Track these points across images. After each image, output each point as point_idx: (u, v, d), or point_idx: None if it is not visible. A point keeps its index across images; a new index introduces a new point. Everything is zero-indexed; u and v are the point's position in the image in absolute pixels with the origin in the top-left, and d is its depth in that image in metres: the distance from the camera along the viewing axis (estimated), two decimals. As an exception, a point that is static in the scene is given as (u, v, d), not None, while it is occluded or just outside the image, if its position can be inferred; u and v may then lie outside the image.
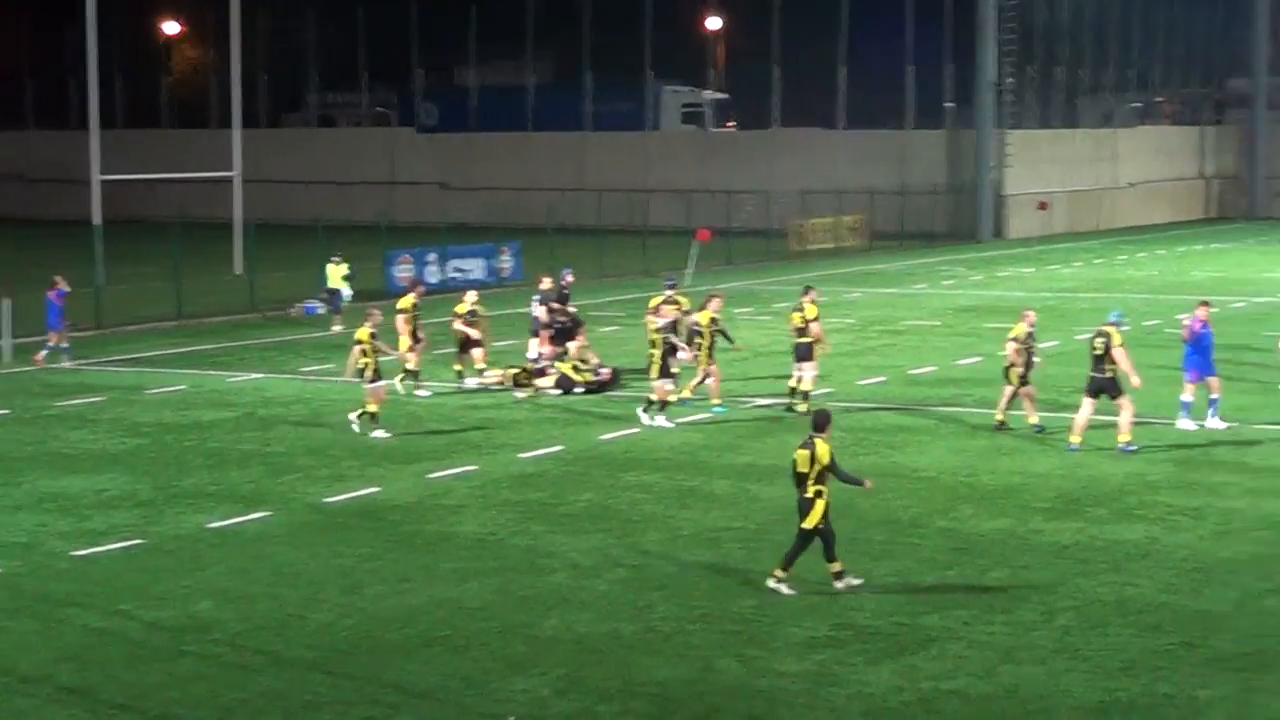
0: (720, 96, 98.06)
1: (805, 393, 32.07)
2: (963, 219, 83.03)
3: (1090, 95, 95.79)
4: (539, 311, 36.69)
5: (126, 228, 69.27)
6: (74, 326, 41.79)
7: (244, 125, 66.99)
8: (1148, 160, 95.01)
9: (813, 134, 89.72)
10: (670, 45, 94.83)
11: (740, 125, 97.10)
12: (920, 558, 21.75)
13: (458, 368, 35.81)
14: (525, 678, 17.22)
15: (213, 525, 23.75)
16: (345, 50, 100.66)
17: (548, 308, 36.61)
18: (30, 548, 22.61)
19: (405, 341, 34.71)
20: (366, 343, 30.51)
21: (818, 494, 19.99)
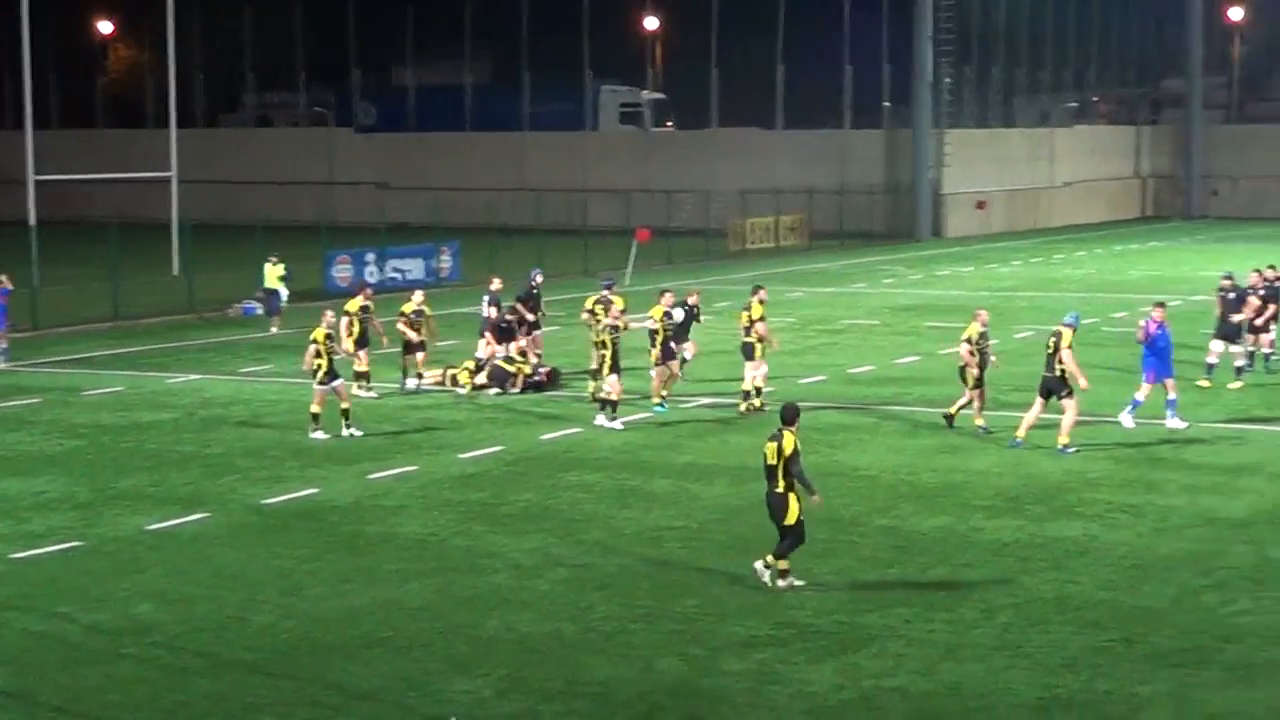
0: (658, 96, 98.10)
1: (755, 390, 32.13)
2: (901, 218, 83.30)
3: (1027, 95, 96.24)
4: (489, 311, 36.66)
5: (64, 228, 68.83)
6: (14, 327, 41.50)
7: (181, 125, 66.66)
8: (1084, 160, 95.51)
9: (751, 134, 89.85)
10: (608, 45, 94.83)
11: (679, 125, 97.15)
12: (861, 556, 21.80)
13: (417, 369, 35.57)
14: (467, 678, 17.18)
15: (151, 527, 23.62)
16: (282, 50, 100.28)
17: (515, 306, 36.70)
18: (-33, 551, 22.44)
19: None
20: (321, 343, 30.34)
21: (789, 488, 20.07)
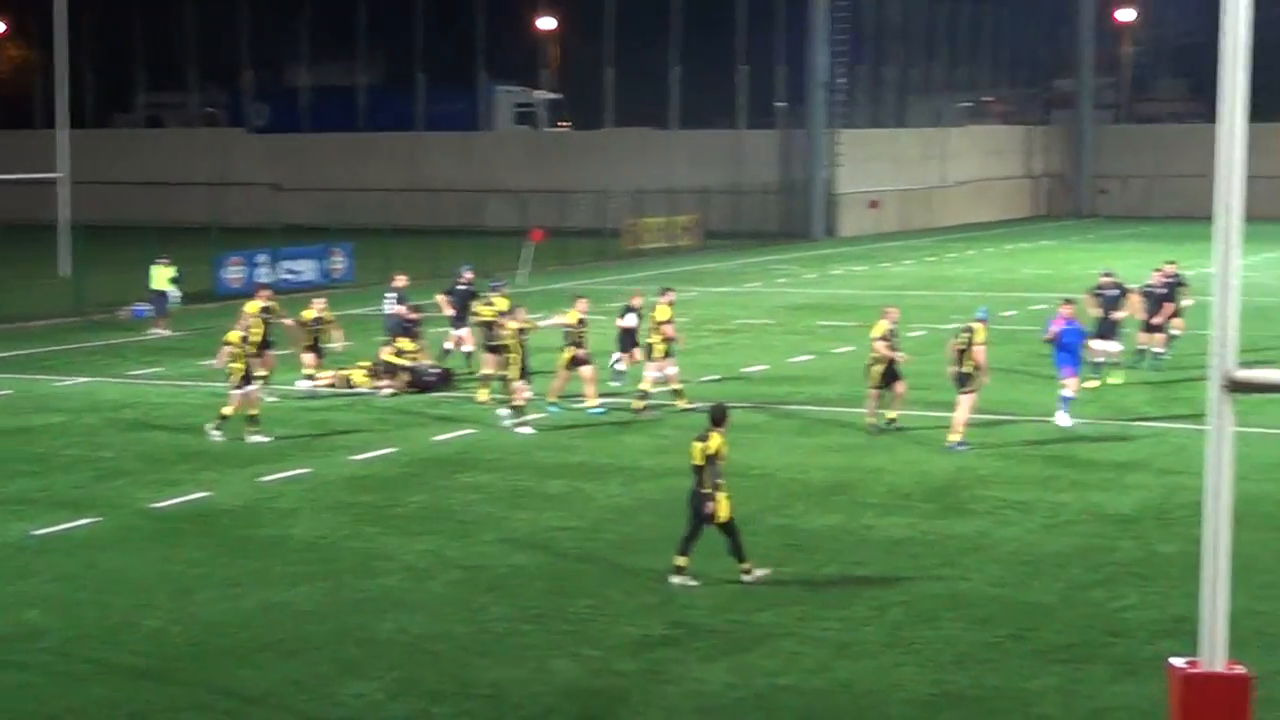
0: (553, 97, 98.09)
1: (675, 391, 32.15)
2: (795, 218, 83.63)
3: (920, 95, 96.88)
4: (393, 309, 36.59)
5: (-50, 230, 68.01)
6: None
7: (71, 125, 65.94)
8: (976, 159, 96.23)
9: (646, 134, 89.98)
10: (503, 45, 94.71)
11: (574, 125, 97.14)
12: (754, 555, 21.80)
13: (307, 371, 35.30)
14: (359, 681, 17.09)
15: (39, 532, 23.34)
16: (174, 49, 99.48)
17: (449, 301, 36.95)
18: None
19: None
20: (236, 345, 30.07)
21: (716, 486, 20.09)
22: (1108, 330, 35.20)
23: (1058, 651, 17.93)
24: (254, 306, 34.33)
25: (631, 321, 34.19)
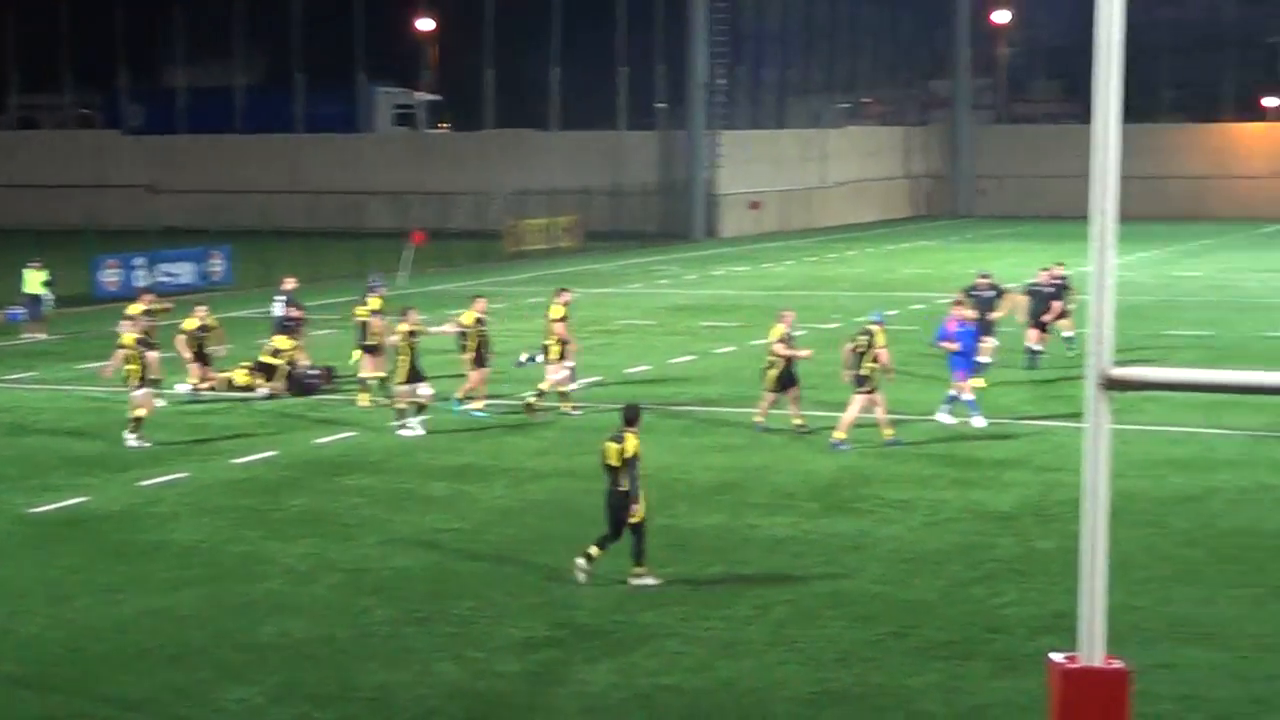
0: (433, 98, 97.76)
1: (561, 393, 32.09)
2: (676, 219, 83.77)
3: (800, 96, 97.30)
4: (281, 311, 36.39)
5: None
6: None
7: (-58, 127, 65.07)
8: (855, 160, 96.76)
9: (526, 135, 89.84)
10: (382, 46, 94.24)
11: (454, 127, 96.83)
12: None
13: (192, 381, 34.90)
14: (240, 686, 16.96)
15: (-88, 539, 23.02)
16: (47, 50, 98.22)
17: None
18: None
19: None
20: (131, 348, 29.73)
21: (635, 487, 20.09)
22: (984, 331, 35.44)
23: (939, 648, 18.07)
24: (136, 309, 33.98)
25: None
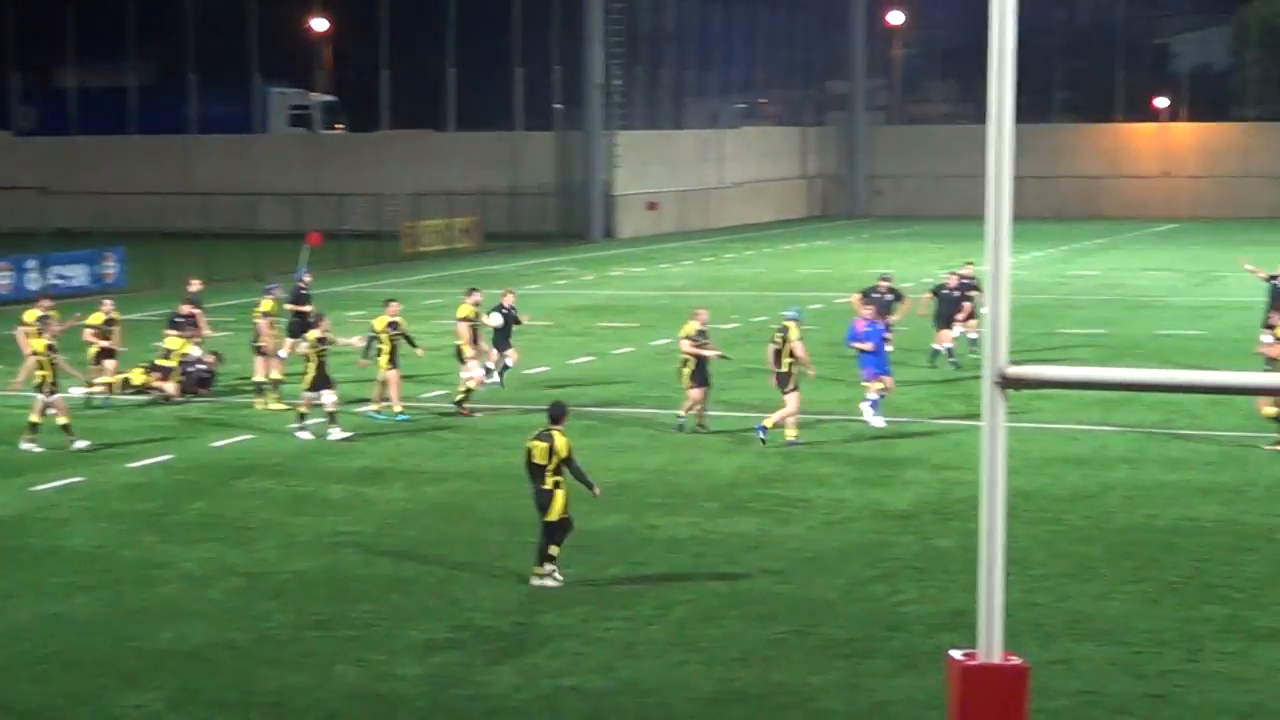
0: (328, 99, 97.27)
1: (467, 391, 32.05)
2: (574, 219, 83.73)
3: (696, 97, 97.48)
4: (192, 311, 36.22)
5: None
6: None
7: None
8: (753, 160, 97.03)
9: (423, 136, 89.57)
10: (276, 47, 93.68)
11: (350, 127, 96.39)
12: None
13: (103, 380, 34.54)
14: (138, 692, 16.83)
15: None
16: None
17: (292, 305, 36.46)
18: None
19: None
20: (43, 354, 29.37)
21: (556, 485, 20.16)
22: None
23: (839, 646, 18.16)
24: (31, 315, 33.56)
25: (497, 320, 34.11)
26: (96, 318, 34.40)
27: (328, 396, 30.05)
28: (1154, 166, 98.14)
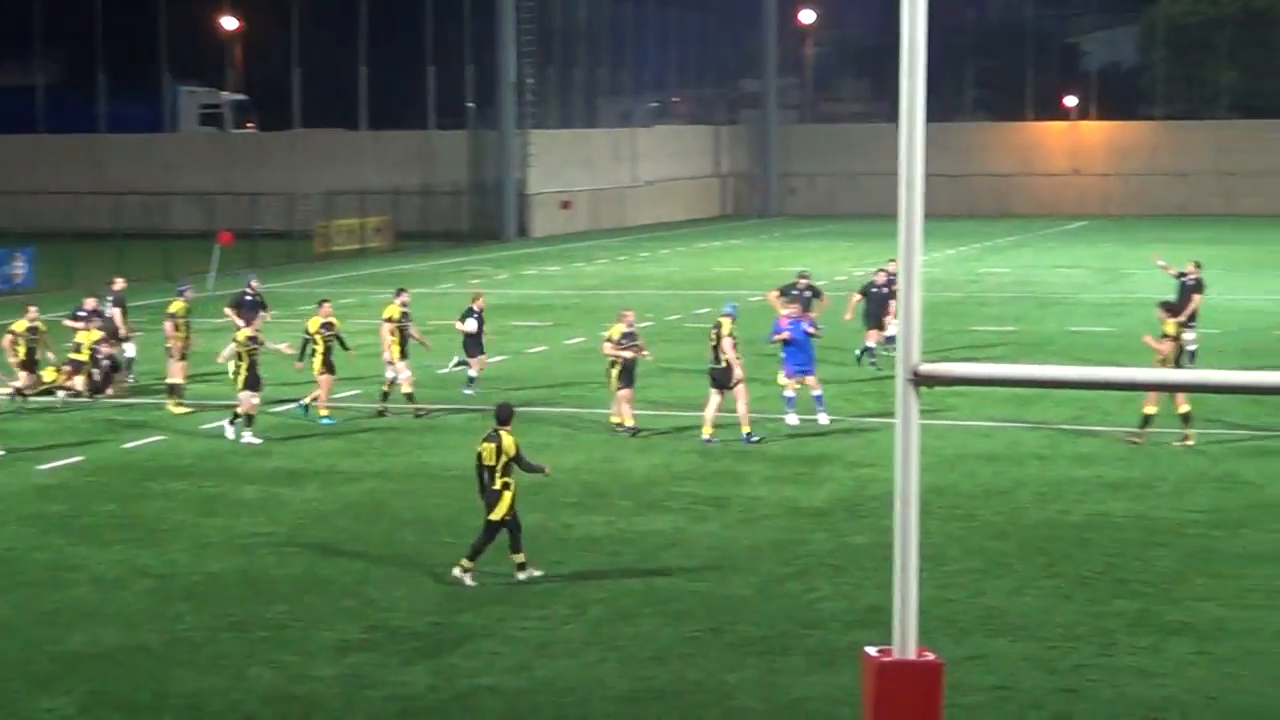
0: (239, 98, 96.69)
1: (407, 394, 31.82)
2: (487, 218, 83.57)
3: (609, 95, 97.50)
4: (111, 312, 35.90)
5: None
6: None
7: None
8: (666, 159, 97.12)
9: (335, 135, 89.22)
10: (186, 45, 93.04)
11: (261, 126, 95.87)
12: (454, 557, 21.75)
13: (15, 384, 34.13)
14: (50, 696, 16.68)
15: None
16: None
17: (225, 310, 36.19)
18: None
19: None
20: None
21: (505, 486, 20.16)
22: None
23: (755, 644, 18.20)
24: (21, 326, 33.14)
25: (471, 327, 33.93)
26: (19, 325, 33.88)
27: (247, 397, 29.59)
28: (1064, 164, 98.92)
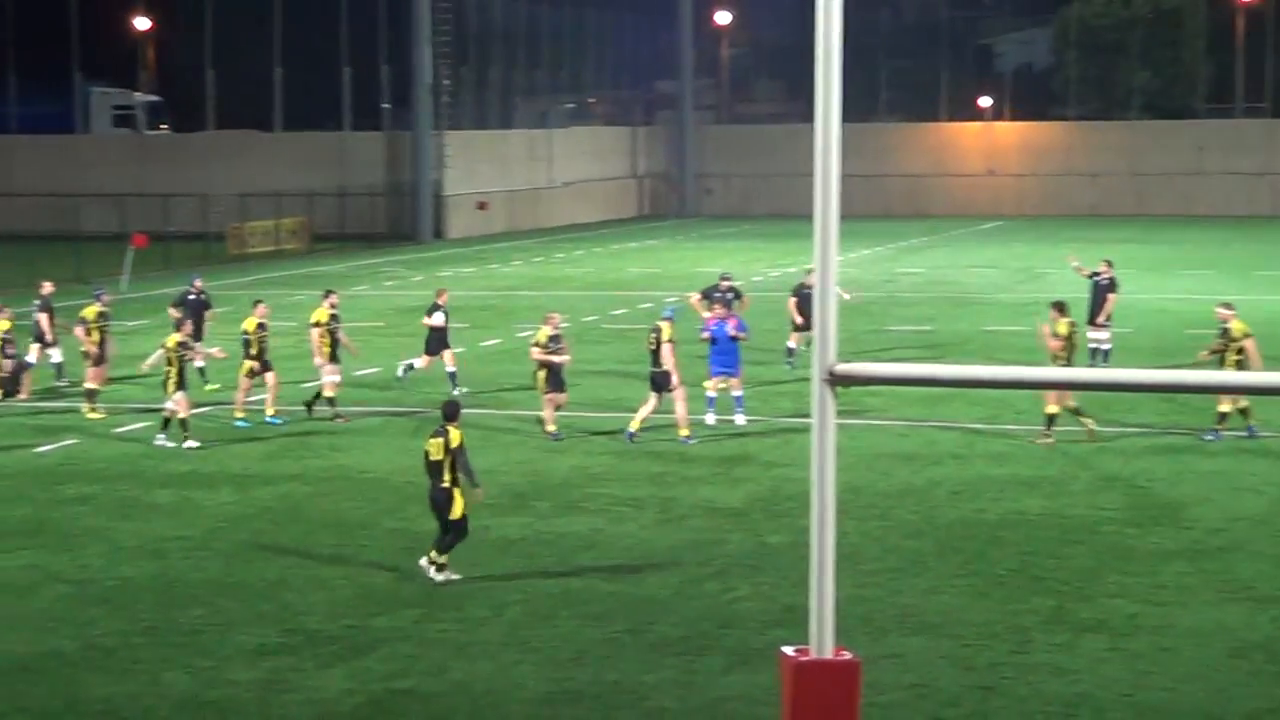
0: (152, 99, 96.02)
1: (329, 398, 31.60)
2: (403, 220, 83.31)
3: (525, 96, 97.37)
4: (39, 315, 35.61)
5: None
6: None
7: None
8: (582, 160, 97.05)
9: (250, 136, 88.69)
10: (98, 45, 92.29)
11: (175, 128, 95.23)
12: (370, 559, 21.71)
13: None
14: (-39, 704, 16.53)
15: None
16: None
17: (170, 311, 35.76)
18: None
19: None
20: None
21: (453, 482, 20.16)
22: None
23: (673, 644, 18.21)
24: None
25: (439, 320, 33.72)
26: None
27: (172, 403, 29.30)
28: (979, 165, 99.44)
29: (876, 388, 31.42)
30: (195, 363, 33.12)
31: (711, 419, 30.52)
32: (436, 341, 33.97)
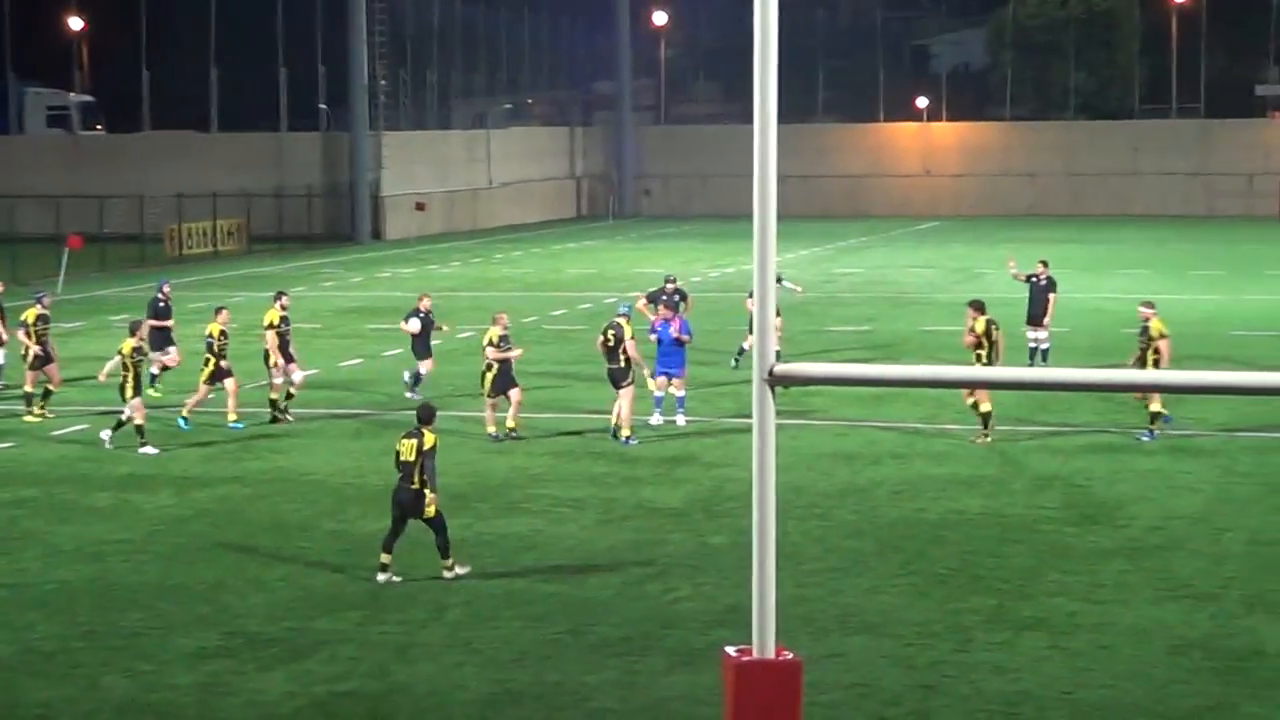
0: (87, 99, 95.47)
1: (272, 399, 31.42)
2: (341, 221, 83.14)
3: (463, 97, 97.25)
4: None
5: None
6: None
7: None
8: (520, 161, 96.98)
9: (186, 137, 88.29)
10: (31, 45, 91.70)
11: (110, 128, 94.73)
12: (310, 561, 21.65)
13: None
14: (-103, 709, 16.40)
15: None
16: None
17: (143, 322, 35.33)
18: None
19: None
20: None
21: (424, 483, 20.31)
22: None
23: (615, 645, 18.22)
24: None
25: (415, 326, 33.52)
26: None
27: (129, 409, 28.99)
28: (916, 165, 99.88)
29: (817, 388, 31.48)
30: (152, 369, 32.99)
31: (657, 419, 30.54)
32: (422, 344, 33.78)
